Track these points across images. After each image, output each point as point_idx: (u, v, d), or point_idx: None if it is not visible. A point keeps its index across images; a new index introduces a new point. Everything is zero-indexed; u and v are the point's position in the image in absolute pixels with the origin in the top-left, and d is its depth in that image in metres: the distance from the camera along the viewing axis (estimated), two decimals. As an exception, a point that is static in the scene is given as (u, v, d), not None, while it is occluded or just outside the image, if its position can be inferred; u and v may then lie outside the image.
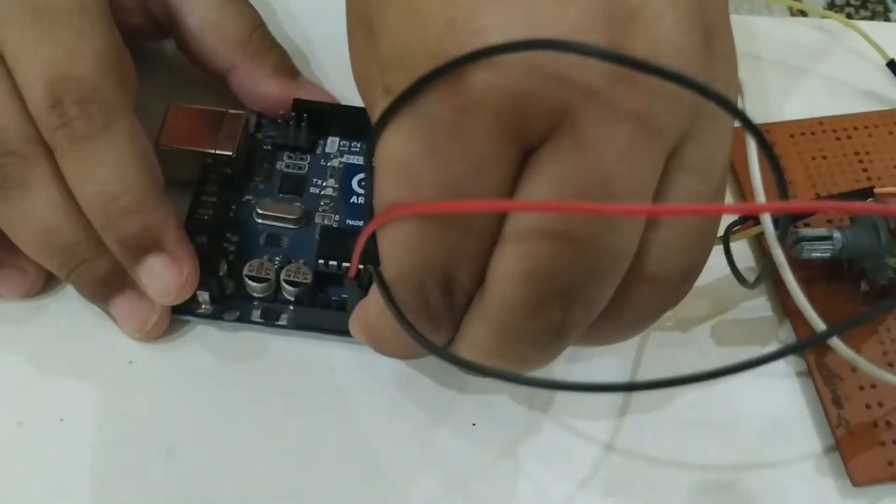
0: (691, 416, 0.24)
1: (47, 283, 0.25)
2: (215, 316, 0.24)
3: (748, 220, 0.23)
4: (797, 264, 0.26)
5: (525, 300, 0.18)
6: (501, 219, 0.17)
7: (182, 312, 0.24)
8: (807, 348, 0.26)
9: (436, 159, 0.17)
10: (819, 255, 0.25)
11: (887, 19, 0.36)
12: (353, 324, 0.22)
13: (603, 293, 0.18)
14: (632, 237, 0.17)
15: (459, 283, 0.18)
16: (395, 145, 0.17)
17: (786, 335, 0.26)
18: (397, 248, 0.18)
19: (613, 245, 0.17)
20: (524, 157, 0.17)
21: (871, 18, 0.36)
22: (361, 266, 0.21)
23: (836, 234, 0.25)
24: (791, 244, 0.25)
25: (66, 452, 0.23)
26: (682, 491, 0.23)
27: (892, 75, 0.31)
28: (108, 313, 0.24)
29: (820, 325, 0.21)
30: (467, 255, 0.18)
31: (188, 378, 0.24)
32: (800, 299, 0.21)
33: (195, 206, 0.26)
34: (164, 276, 0.23)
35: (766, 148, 0.17)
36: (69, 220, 0.22)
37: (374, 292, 0.20)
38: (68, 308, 0.25)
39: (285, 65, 0.27)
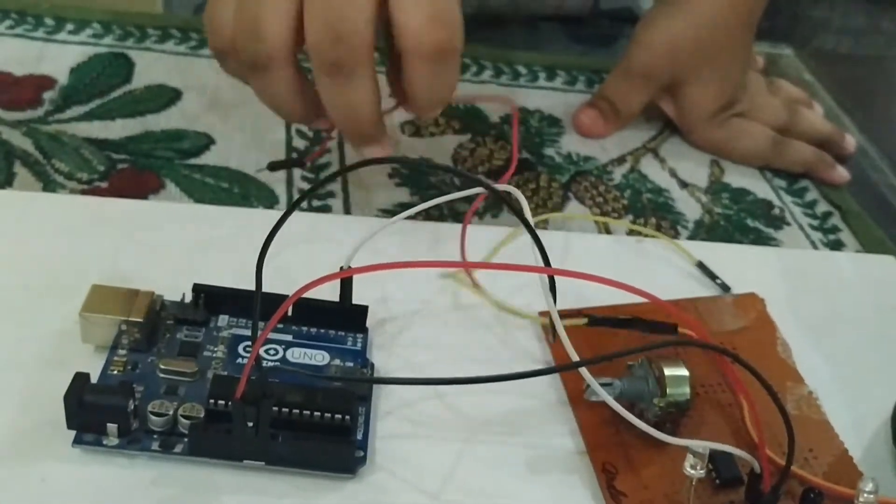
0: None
1: None
2: (121, 447, 0.30)
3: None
4: (587, 405, 0.33)
5: None
6: None
7: (93, 443, 0.30)
8: (560, 371, 0.34)
9: None
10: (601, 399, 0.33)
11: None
12: None
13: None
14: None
15: None
16: None
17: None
18: None
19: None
20: None
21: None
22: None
23: (617, 382, 0.33)
24: (583, 389, 0.33)
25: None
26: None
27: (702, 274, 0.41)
28: None
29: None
30: None
31: (97, 498, 0.29)
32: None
33: (108, 364, 0.32)
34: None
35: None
36: None
37: None
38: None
39: None
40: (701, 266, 0.42)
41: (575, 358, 0.29)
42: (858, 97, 0.61)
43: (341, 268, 0.34)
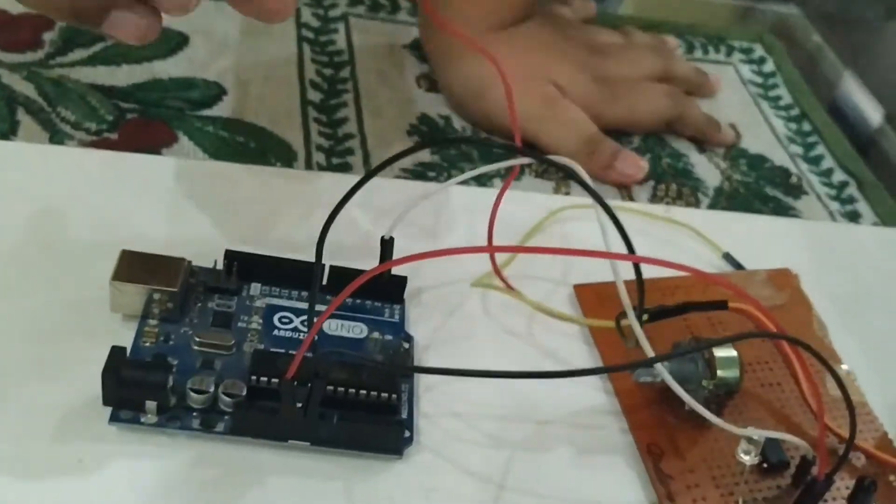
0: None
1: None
2: (160, 425, 0.28)
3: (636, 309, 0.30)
4: (636, 388, 0.33)
5: None
6: None
7: (130, 421, 0.28)
8: (615, 371, 0.33)
9: None
10: (651, 379, 0.32)
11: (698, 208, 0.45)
12: None
13: None
14: None
15: None
16: None
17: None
18: None
19: None
20: None
21: (686, 206, 0.45)
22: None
23: (665, 364, 0.32)
24: (630, 371, 0.32)
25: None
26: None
27: (729, 264, 0.40)
28: None
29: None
30: None
31: (135, 479, 0.28)
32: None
33: (139, 335, 0.31)
34: None
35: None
36: None
37: None
38: (16, 405, 0.28)
39: None
40: (728, 257, 0.41)
41: (651, 354, 0.28)
42: (868, 61, 0.61)
43: (382, 237, 0.33)
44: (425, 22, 0.49)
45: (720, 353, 0.32)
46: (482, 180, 0.43)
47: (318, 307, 0.33)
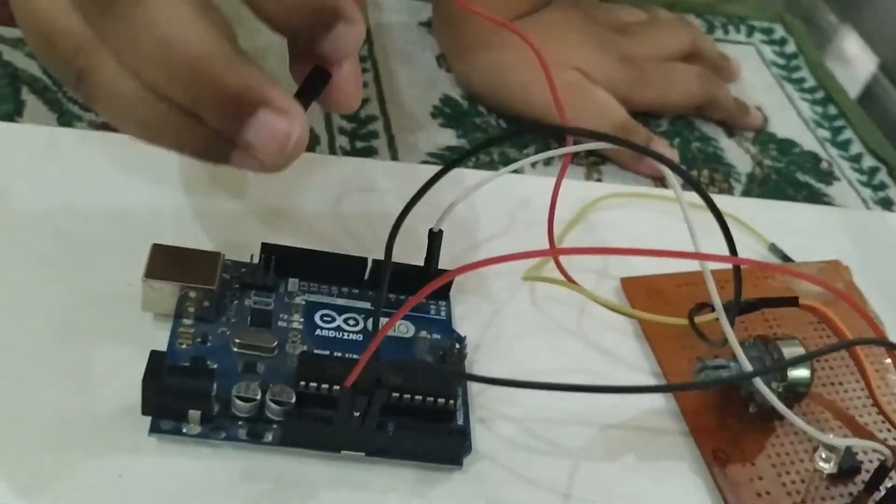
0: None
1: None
2: (203, 435, 0.26)
3: (706, 306, 0.28)
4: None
5: None
6: None
7: (171, 432, 0.26)
8: (677, 391, 0.31)
9: None
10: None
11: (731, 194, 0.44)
12: None
13: None
14: None
15: None
16: None
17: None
18: None
19: None
20: None
21: (720, 193, 0.43)
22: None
23: (732, 364, 0.30)
24: (695, 371, 0.30)
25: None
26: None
27: (775, 256, 0.38)
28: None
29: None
30: None
31: (179, 494, 0.25)
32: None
33: (174, 336, 0.28)
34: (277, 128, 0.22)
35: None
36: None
37: None
38: (47, 413, 0.26)
39: None
40: (774, 249, 0.39)
41: (749, 367, 0.26)
42: (889, 40, 0.59)
43: (431, 230, 0.31)
44: (439, 12, 0.46)
45: (790, 351, 0.30)
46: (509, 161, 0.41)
47: (358, 304, 0.31)
